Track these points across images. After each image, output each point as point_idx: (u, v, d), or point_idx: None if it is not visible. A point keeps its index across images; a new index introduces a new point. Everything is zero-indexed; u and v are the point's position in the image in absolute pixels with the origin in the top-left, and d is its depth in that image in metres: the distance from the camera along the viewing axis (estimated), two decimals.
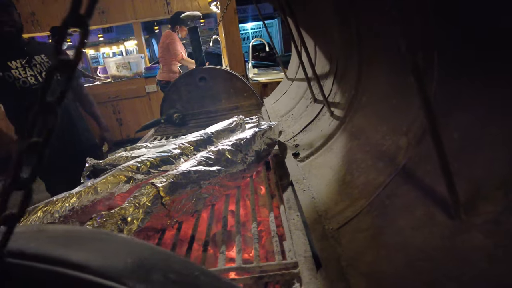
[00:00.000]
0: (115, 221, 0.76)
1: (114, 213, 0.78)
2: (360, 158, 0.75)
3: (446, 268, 0.43)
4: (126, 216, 0.77)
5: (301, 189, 0.83)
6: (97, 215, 0.79)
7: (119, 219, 0.77)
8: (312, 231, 0.67)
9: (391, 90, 0.75)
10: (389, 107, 0.73)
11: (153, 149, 1.22)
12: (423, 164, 0.56)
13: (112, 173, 0.99)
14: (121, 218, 0.77)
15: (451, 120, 0.53)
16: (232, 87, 2.15)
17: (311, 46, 1.48)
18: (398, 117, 0.68)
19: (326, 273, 0.57)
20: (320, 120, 1.13)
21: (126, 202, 0.80)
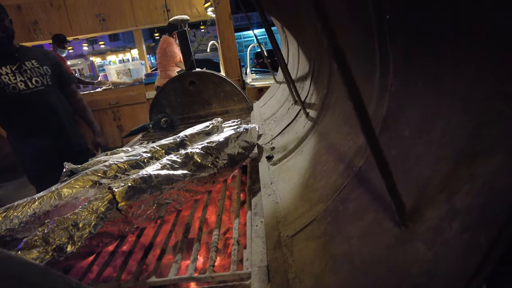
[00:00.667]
0: (66, 226, 0.72)
1: (66, 219, 0.74)
2: (324, 160, 0.70)
3: (387, 283, 0.38)
4: (78, 221, 0.73)
5: (266, 193, 0.78)
6: (50, 220, 0.75)
7: (70, 225, 0.73)
8: (267, 239, 0.62)
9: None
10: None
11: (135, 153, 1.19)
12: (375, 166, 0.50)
13: (77, 177, 0.95)
14: (73, 224, 0.73)
15: (404, 114, 0.48)
16: (222, 91, 2.11)
17: (295, 46, 1.44)
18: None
19: (272, 284, 0.52)
20: (297, 122, 1.08)
21: (80, 207, 0.76)
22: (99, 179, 0.96)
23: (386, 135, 0.50)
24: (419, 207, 0.39)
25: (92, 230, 0.73)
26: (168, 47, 3.72)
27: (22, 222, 0.89)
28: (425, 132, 0.43)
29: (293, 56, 1.55)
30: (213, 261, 0.68)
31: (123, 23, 4.90)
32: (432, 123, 0.42)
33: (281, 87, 1.72)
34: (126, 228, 0.80)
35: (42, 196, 0.92)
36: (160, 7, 4.80)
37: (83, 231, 0.72)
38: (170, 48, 3.72)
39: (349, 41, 0.63)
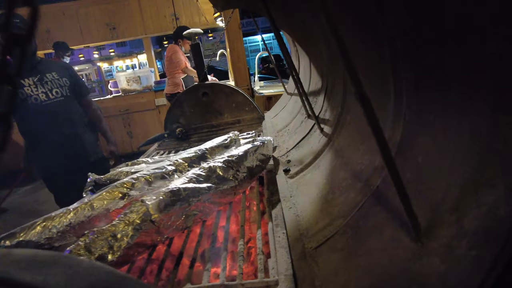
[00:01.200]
0: (106, 237, 0.80)
1: (105, 230, 0.81)
2: (342, 177, 0.77)
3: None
4: (116, 232, 0.80)
5: (287, 206, 0.85)
6: (89, 231, 0.82)
7: (109, 236, 0.80)
8: (292, 249, 0.69)
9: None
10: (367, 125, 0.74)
11: (152, 165, 1.26)
12: (392, 185, 0.57)
13: (108, 190, 1.03)
14: (111, 235, 0.80)
15: (417, 141, 0.54)
16: (234, 102, 2.19)
17: (306, 60, 1.51)
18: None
19: None
20: (311, 136, 1.14)
21: (117, 219, 0.83)
22: (128, 191, 1.03)
23: (401, 159, 0.57)
24: (433, 226, 0.45)
25: (130, 241, 0.80)
26: (173, 55, 3.83)
27: (59, 231, 0.96)
28: (437, 160, 0.49)
29: (305, 69, 1.62)
30: (241, 269, 0.74)
31: (133, 31, 5.02)
32: (443, 152, 0.48)
33: (293, 98, 1.79)
34: (158, 238, 0.87)
35: (77, 208, 0.99)
36: (169, 15, 4.91)
37: (121, 242, 0.80)
38: (176, 56, 3.83)
39: (366, 73, 0.70)
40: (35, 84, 2.16)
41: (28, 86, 2.13)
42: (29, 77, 2.14)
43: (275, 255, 0.76)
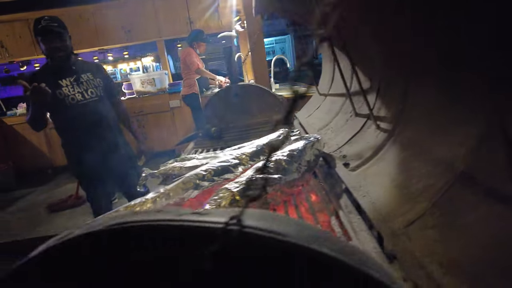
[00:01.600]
0: None
1: None
2: (417, 166, 0.85)
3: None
4: None
5: (360, 195, 0.93)
6: None
7: None
8: (382, 230, 0.77)
9: (441, 105, 0.85)
10: (441, 120, 0.83)
11: (209, 160, 1.34)
12: (483, 169, 0.65)
13: (182, 181, 1.11)
14: None
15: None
16: (265, 102, 2.27)
17: (347, 62, 1.60)
18: (453, 128, 0.78)
19: (401, 264, 0.66)
20: (365, 132, 1.23)
21: (207, 205, 0.91)
22: (199, 182, 1.11)
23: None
24: None
25: None
26: (187, 57, 3.95)
27: None
28: None
29: (344, 71, 1.72)
30: None
31: (147, 34, 5.11)
32: None
33: (328, 99, 1.88)
34: None
35: (154, 197, 1.07)
36: (184, 19, 5.00)
37: None
38: (189, 58, 3.95)
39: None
40: (72, 84, 2.24)
41: (66, 86, 2.22)
42: (66, 77, 2.22)
43: (355, 237, 0.84)
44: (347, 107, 1.57)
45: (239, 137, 2.06)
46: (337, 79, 1.87)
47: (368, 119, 1.26)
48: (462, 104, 0.77)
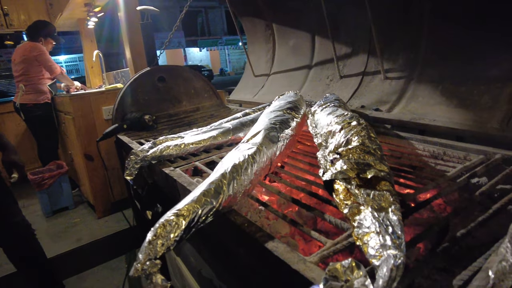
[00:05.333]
0: None
1: None
2: (467, 89, 1.07)
3: None
4: None
5: (431, 120, 1.07)
6: None
7: None
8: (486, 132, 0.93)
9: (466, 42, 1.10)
10: (470, 54, 1.08)
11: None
12: None
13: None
14: None
15: None
16: (193, 88, 2.08)
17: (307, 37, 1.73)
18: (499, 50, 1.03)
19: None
20: (368, 86, 1.39)
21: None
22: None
23: None
24: None
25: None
26: (40, 57, 3.03)
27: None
28: None
29: (297, 47, 1.83)
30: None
31: None
32: None
33: (277, 77, 1.93)
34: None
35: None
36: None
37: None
38: (44, 58, 3.05)
39: None
40: None
41: None
42: None
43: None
44: (315, 76, 1.69)
45: (176, 126, 1.80)
46: (279, 57, 1.96)
47: (363, 76, 1.43)
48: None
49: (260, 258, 0.60)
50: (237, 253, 0.74)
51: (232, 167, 0.72)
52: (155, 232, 0.56)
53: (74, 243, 2.49)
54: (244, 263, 0.74)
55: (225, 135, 1.21)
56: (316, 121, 1.08)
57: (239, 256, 0.74)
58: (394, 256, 0.42)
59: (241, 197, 0.72)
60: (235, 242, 0.71)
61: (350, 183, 0.65)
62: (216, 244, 0.92)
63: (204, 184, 0.68)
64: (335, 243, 0.58)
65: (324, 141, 0.91)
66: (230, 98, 2.15)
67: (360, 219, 0.55)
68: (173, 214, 0.59)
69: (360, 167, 0.69)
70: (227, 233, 0.72)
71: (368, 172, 0.67)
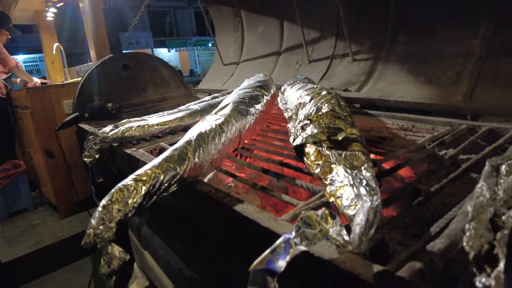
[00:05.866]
0: None
1: None
2: (431, 66, 1.09)
3: None
4: None
5: (400, 96, 1.08)
6: None
7: None
8: (449, 105, 0.95)
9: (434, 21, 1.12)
10: (438, 32, 1.11)
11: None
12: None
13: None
14: None
15: None
16: (159, 77, 2.00)
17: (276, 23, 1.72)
18: (460, 28, 1.06)
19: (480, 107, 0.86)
20: (336, 69, 1.39)
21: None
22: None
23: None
24: None
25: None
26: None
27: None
28: None
29: (266, 33, 1.81)
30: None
31: None
32: None
33: (246, 64, 1.90)
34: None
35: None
36: None
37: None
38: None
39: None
40: None
41: None
42: None
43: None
44: (284, 61, 1.68)
45: (142, 115, 1.71)
46: (248, 45, 1.94)
47: (332, 59, 1.43)
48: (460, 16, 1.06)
49: (230, 224, 0.57)
50: (206, 228, 0.70)
51: (198, 135, 0.68)
52: (111, 197, 0.50)
53: (33, 246, 2.32)
54: (213, 237, 0.69)
55: (192, 117, 1.16)
56: (286, 98, 1.06)
57: (208, 231, 0.70)
58: (371, 200, 0.39)
59: (208, 167, 0.67)
60: (203, 213, 0.66)
61: (321, 146, 0.63)
62: (184, 225, 0.87)
63: (167, 151, 0.63)
64: (307, 203, 0.55)
65: (294, 114, 0.88)
66: (199, 87, 2.10)
67: (332, 176, 0.53)
68: (132, 179, 0.54)
69: (331, 131, 0.67)
70: (194, 204, 0.67)
71: (339, 135, 0.65)
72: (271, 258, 0.36)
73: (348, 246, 0.38)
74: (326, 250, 0.40)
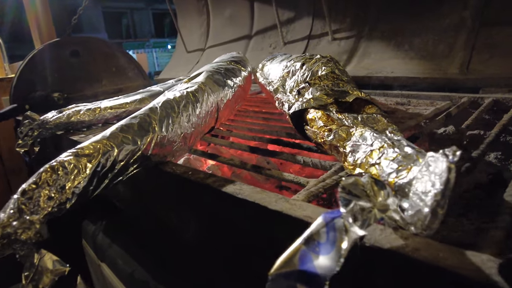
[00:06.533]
0: None
1: None
2: (420, 40, 1.01)
3: None
4: None
5: (389, 71, 0.98)
6: None
7: None
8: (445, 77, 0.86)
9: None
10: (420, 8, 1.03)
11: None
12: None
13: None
14: None
15: None
16: (115, 65, 1.78)
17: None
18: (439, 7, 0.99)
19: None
20: (315, 49, 1.28)
21: None
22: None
23: None
24: None
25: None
26: None
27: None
28: None
29: (235, 16, 1.66)
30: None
31: None
32: None
33: (214, 50, 1.74)
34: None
35: None
36: None
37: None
38: None
39: None
40: None
41: None
42: None
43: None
44: (256, 45, 1.54)
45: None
46: (215, 30, 1.78)
47: (309, 39, 1.32)
48: None
49: (215, 215, 0.41)
50: (180, 226, 0.53)
51: (164, 102, 0.51)
52: (37, 179, 0.33)
53: None
54: (189, 238, 0.53)
55: (153, 98, 0.98)
56: (266, 73, 0.92)
57: (183, 230, 0.53)
58: (448, 154, 0.25)
59: (180, 144, 0.51)
60: (176, 204, 0.50)
61: (328, 110, 0.50)
62: (149, 225, 0.69)
63: (123, 120, 0.46)
64: (320, 181, 0.41)
65: (281, 86, 0.74)
66: (160, 77, 1.89)
67: (356, 142, 0.39)
68: (70, 153, 0.36)
69: (336, 93, 0.54)
70: (163, 193, 0.51)
71: (348, 97, 0.52)
72: (306, 253, 0.21)
73: (411, 227, 0.25)
74: (379, 236, 0.26)
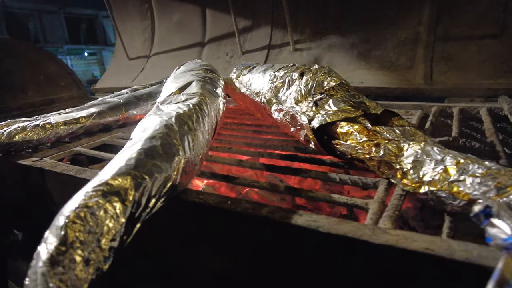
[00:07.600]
0: None
1: None
2: (381, 53, 1.07)
3: None
4: None
5: (359, 82, 1.01)
6: None
7: None
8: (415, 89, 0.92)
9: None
10: (387, 15, 1.10)
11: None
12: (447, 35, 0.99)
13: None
14: None
15: None
16: (43, 73, 1.53)
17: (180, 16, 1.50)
18: (404, 16, 1.06)
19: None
20: (276, 59, 1.27)
21: None
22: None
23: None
24: None
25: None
26: None
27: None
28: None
29: (182, 23, 1.57)
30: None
31: None
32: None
33: (160, 58, 1.61)
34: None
35: None
36: None
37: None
38: None
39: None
40: None
41: None
42: None
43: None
44: (210, 53, 1.48)
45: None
46: (161, 35, 1.66)
47: (269, 49, 1.30)
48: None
49: (289, 250, 0.34)
50: (199, 263, 0.44)
51: (176, 117, 0.43)
52: (64, 237, 0.23)
53: None
54: (209, 276, 0.44)
55: (114, 112, 0.85)
56: (247, 83, 0.86)
57: (203, 268, 0.44)
58: None
59: (198, 167, 0.43)
60: (201, 238, 0.41)
61: (361, 123, 0.47)
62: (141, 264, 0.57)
63: (137, 143, 0.36)
64: (379, 201, 0.37)
65: (273, 97, 0.70)
66: (98, 86, 1.69)
67: (417, 156, 0.37)
68: (94, 192, 0.26)
69: (357, 105, 0.51)
70: (182, 228, 0.42)
71: (377, 109, 0.50)
72: None
73: None
74: None
